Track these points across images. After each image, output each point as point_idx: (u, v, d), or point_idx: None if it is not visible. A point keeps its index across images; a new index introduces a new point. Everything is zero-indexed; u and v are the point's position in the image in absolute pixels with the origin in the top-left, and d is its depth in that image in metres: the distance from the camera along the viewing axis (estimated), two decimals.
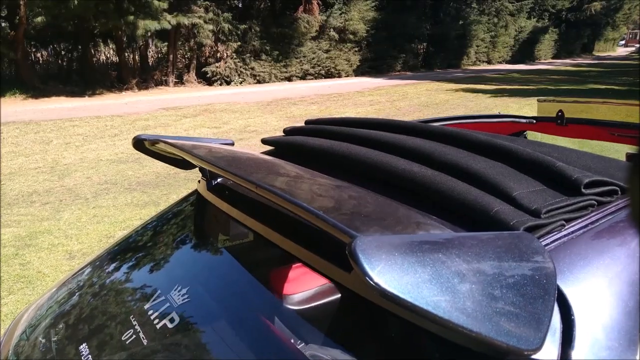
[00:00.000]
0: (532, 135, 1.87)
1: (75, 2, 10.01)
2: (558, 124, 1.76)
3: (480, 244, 0.51)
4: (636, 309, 0.61)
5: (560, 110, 1.74)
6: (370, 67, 18.82)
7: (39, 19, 10.36)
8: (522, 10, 26.67)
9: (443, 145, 0.90)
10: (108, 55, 14.12)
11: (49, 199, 4.15)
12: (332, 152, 0.96)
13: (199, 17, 13.16)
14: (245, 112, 9.32)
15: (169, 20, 11.97)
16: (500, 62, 25.90)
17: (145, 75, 13.44)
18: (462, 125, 1.67)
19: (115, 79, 13.02)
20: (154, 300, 0.86)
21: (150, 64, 14.20)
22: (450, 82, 15.59)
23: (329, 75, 17.40)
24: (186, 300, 0.84)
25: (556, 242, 0.65)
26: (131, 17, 11.29)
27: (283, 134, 1.23)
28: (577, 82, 15.57)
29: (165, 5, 11.64)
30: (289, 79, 16.12)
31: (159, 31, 12.35)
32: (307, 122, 1.28)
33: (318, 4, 16.55)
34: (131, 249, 1.14)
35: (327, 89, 13.62)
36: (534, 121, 1.83)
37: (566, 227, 0.67)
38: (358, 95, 12.19)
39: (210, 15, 13.61)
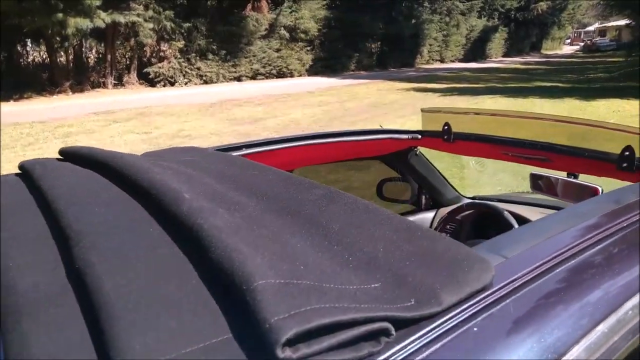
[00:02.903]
0: (422, 152, 1.59)
1: None
2: (445, 139, 1.46)
3: None
4: None
5: (447, 124, 1.44)
6: (324, 66, 18.55)
7: None
8: (472, 9, 27.18)
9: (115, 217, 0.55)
10: (44, 56, 13.09)
11: None
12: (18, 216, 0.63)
13: (138, 15, 12.42)
14: (183, 115, 8.75)
15: (103, 18, 11.20)
16: (452, 61, 26.27)
17: (80, 77, 12.56)
18: (328, 145, 1.33)
19: (46, 81, 12.09)
20: None
21: (86, 64, 13.30)
22: (403, 81, 15.50)
23: (280, 75, 16.98)
24: None
25: None
26: (60, 15, 10.47)
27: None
28: (525, 79, 15.85)
29: (98, 2, 10.86)
30: (238, 79, 15.58)
31: (95, 30, 11.56)
32: (60, 152, 0.88)
33: (267, 2, 16.10)
34: None
35: (277, 89, 13.19)
36: (419, 136, 1.55)
37: None
38: (308, 96, 11.84)
39: (151, 13, 12.88)
